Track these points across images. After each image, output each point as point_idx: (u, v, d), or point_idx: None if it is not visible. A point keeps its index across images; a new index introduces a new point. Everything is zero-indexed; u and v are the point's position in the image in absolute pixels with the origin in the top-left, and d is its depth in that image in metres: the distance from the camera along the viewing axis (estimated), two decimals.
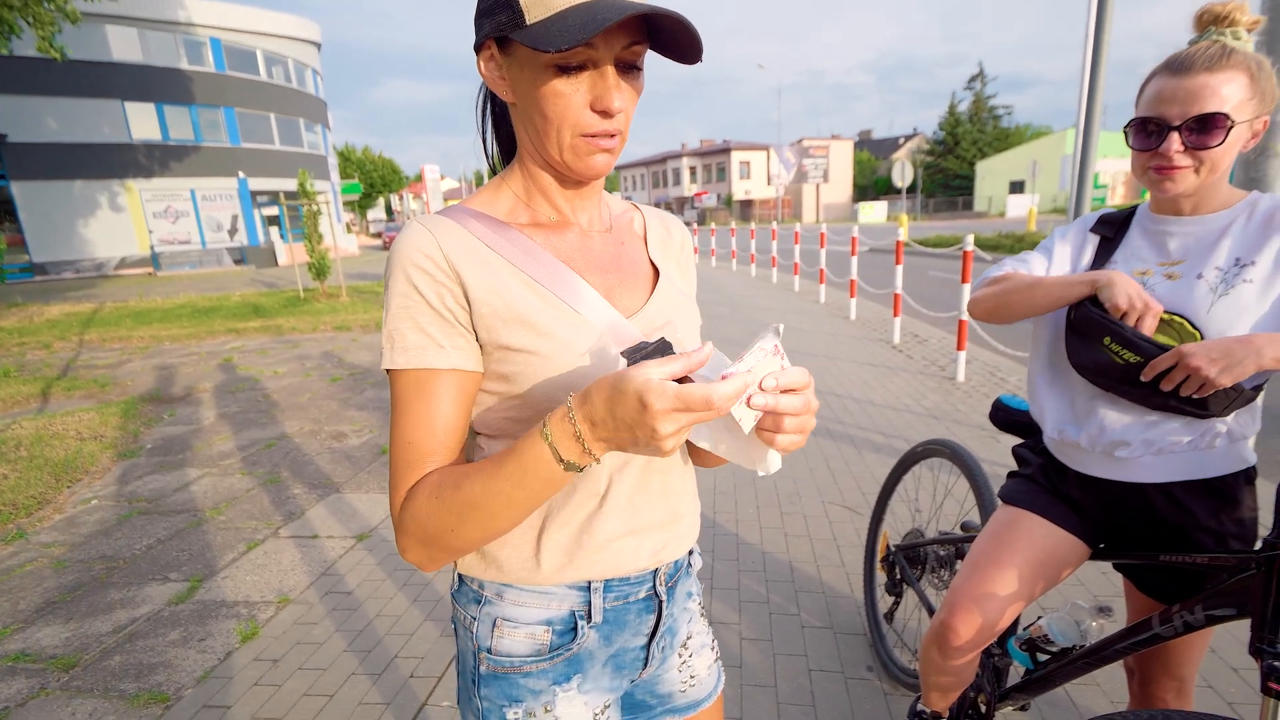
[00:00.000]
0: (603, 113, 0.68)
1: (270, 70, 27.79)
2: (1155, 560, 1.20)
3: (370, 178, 61.52)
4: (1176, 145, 1.09)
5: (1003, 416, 1.60)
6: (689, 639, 0.93)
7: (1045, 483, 1.37)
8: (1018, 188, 44.50)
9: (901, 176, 25.66)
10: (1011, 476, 1.47)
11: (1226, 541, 1.21)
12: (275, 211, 26.92)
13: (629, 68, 0.69)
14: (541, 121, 0.70)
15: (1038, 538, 1.31)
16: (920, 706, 1.59)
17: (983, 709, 1.53)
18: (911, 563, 2.01)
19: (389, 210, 65.27)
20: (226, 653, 2.34)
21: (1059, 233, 1.36)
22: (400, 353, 0.70)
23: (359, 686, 2.13)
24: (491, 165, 0.87)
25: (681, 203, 60.80)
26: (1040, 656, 1.40)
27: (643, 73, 0.71)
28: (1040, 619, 1.41)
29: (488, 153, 0.85)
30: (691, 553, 0.95)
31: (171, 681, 2.20)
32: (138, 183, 23.89)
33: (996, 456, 3.66)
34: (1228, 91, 1.05)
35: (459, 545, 0.68)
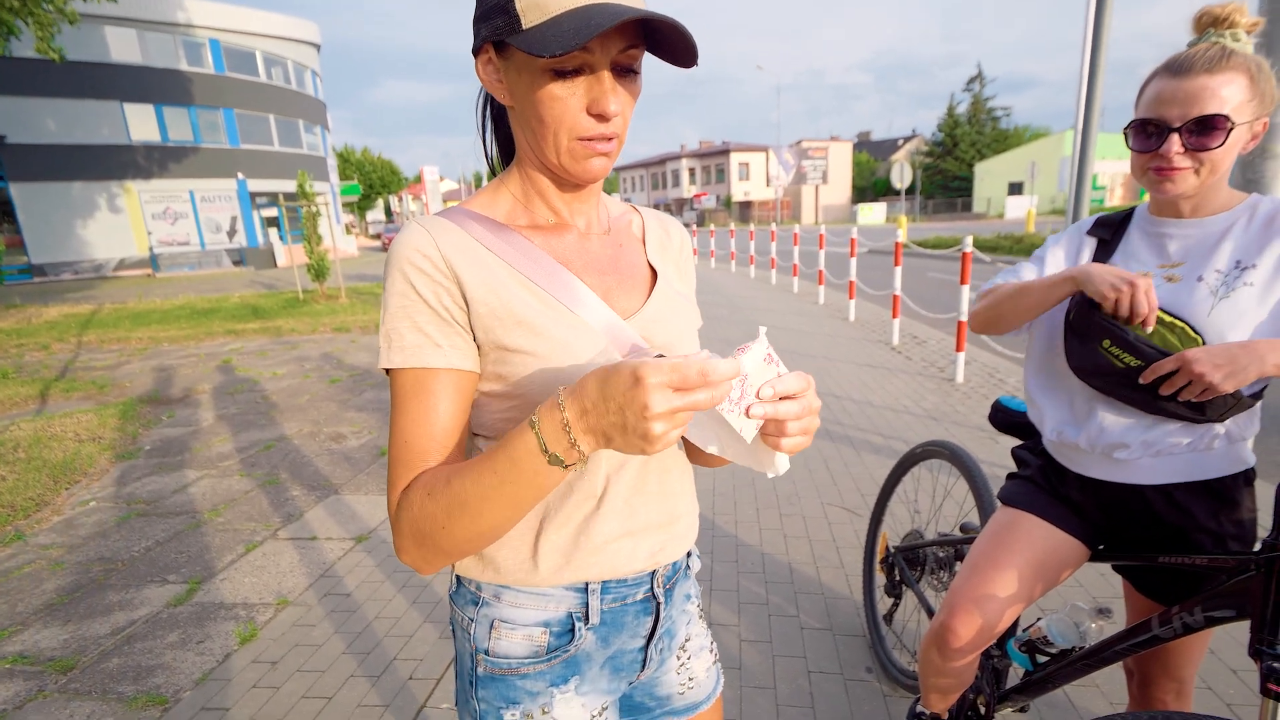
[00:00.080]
0: (599, 116, 0.68)
1: (269, 71, 27.78)
2: (1154, 562, 1.20)
3: (369, 179, 61.56)
4: (1176, 147, 1.08)
5: (1002, 418, 1.60)
6: (687, 641, 0.93)
7: (1044, 484, 1.37)
8: (1016, 189, 44.53)
9: (900, 178, 25.68)
10: (1011, 478, 1.47)
11: (1225, 543, 1.21)
12: (274, 213, 26.90)
13: (625, 71, 0.69)
14: (538, 125, 0.70)
15: (1037, 539, 1.31)
16: (920, 708, 1.59)
17: (982, 710, 1.53)
18: (911, 564, 2.01)
19: (388, 211, 65.27)
20: (225, 655, 2.33)
21: (1052, 240, 1.37)
22: (398, 352, 0.70)
23: (358, 688, 2.12)
24: (491, 167, 0.87)
25: (680, 204, 60.84)
26: (1040, 658, 1.40)
27: (640, 76, 0.71)
28: (1040, 620, 1.41)
29: (488, 154, 0.86)
30: (690, 554, 0.95)
31: (170, 684, 2.19)
32: (136, 184, 23.86)
33: (995, 458, 3.66)
34: (1227, 93, 1.04)
35: (450, 545, 0.66)
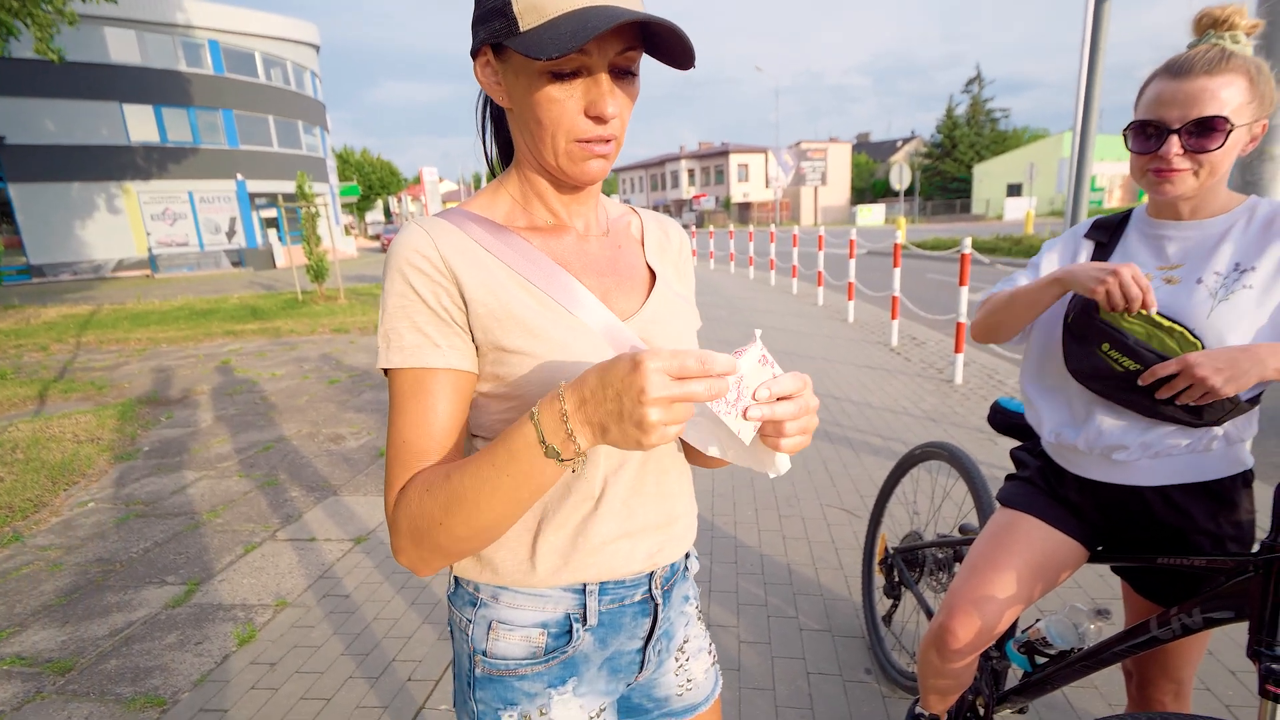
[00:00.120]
0: (597, 118, 0.69)
1: (269, 72, 27.77)
2: (1153, 563, 1.21)
3: (368, 180, 61.58)
4: (1176, 148, 1.08)
5: (1001, 419, 1.60)
6: (686, 643, 0.93)
7: (1043, 485, 1.37)
8: (1015, 190, 44.56)
9: (899, 179, 25.70)
10: (1009, 479, 1.47)
11: (1224, 544, 1.21)
12: (273, 214, 26.87)
13: (623, 73, 0.69)
14: (536, 127, 0.70)
15: (1036, 540, 1.31)
16: (919, 709, 1.59)
17: (981, 712, 1.53)
18: (910, 565, 2.01)
19: (387, 212, 65.24)
20: (223, 656, 2.33)
21: (1046, 245, 1.38)
22: (396, 352, 0.70)
23: (356, 690, 2.12)
24: (491, 168, 0.87)
25: (680, 205, 60.87)
26: (1038, 659, 1.40)
27: (638, 78, 0.71)
28: (1038, 622, 1.41)
29: (488, 156, 0.86)
30: (688, 556, 0.95)
31: (168, 685, 2.19)
32: (135, 185, 23.83)
33: (994, 459, 3.66)
34: (1227, 95, 1.04)
35: (448, 542, 0.66)
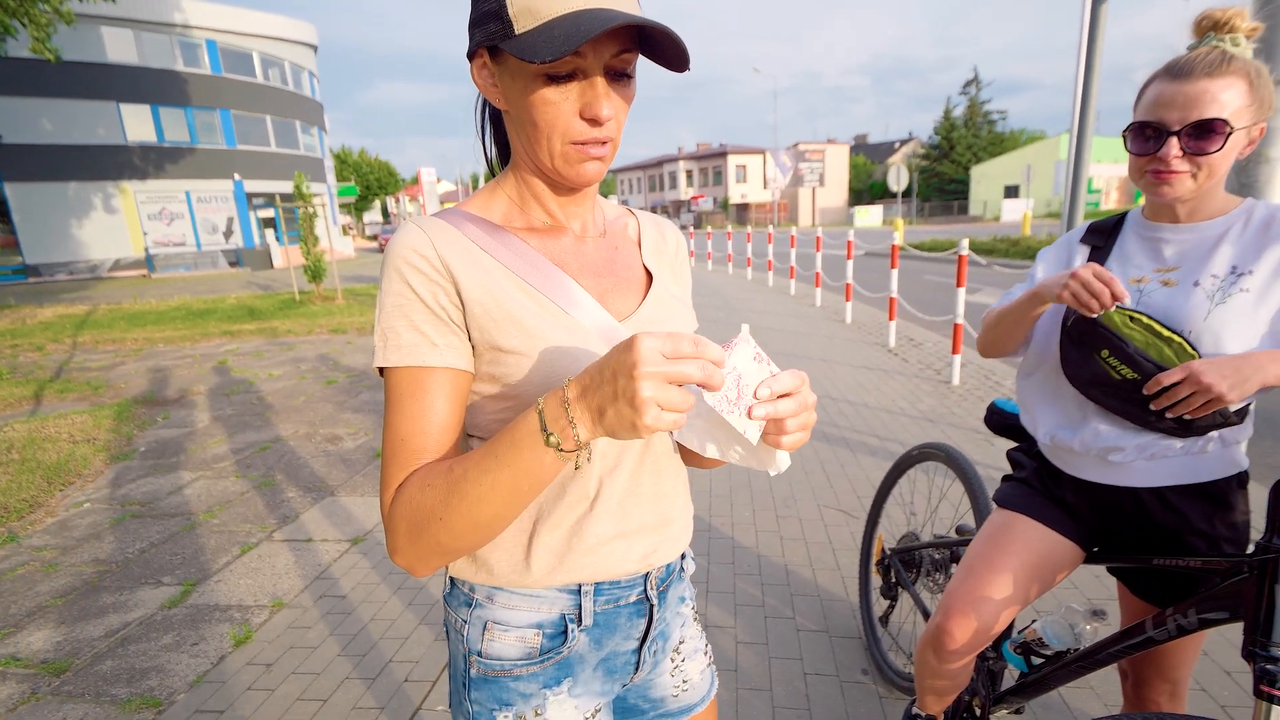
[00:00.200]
0: (592, 120, 0.69)
1: (266, 72, 27.72)
2: (1149, 564, 1.21)
3: (366, 180, 61.53)
4: (1175, 150, 1.08)
5: (997, 420, 1.61)
6: (681, 643, 0.93)
7: (1040, 486, 1.38)
8: (1012, 192, 44.64)
9: (897, 181, 25.76)
10: (1006, 480, 1.47)
11: (1219, 545, 1.21)
12: (271, 214, 26.84)
13: (619, 75, 0.69)
14: (532, 129, 0.70)
15: (1032, 541, 1.31)
16: (915, 710, 1.59)
17: (978, 712, 1.53)
18: (907, 566, 2.01)
19: (385, 213, 65.17)
20: (220, 657, 2.32)
21: (1040, 255, 1.39)
22: (394, 350, 0.69)
23: (353, 691, 2.12)
24: (491, 169, 0.87)
25: (678, 206, 60.89)
26: (1035, 660, 1.40)
27: (634, 80, 0.71)
28: (1035, 622, 1.41)
29: (487, 156, 0.86)
30: (684, 557, 0.95)
31: (164, 686, 2.18)
32: (132, 184, 23.77)
33: (991, 460, 3.67)
34: (1227, 97, 1.04)
35: (447, 537, 0.65)
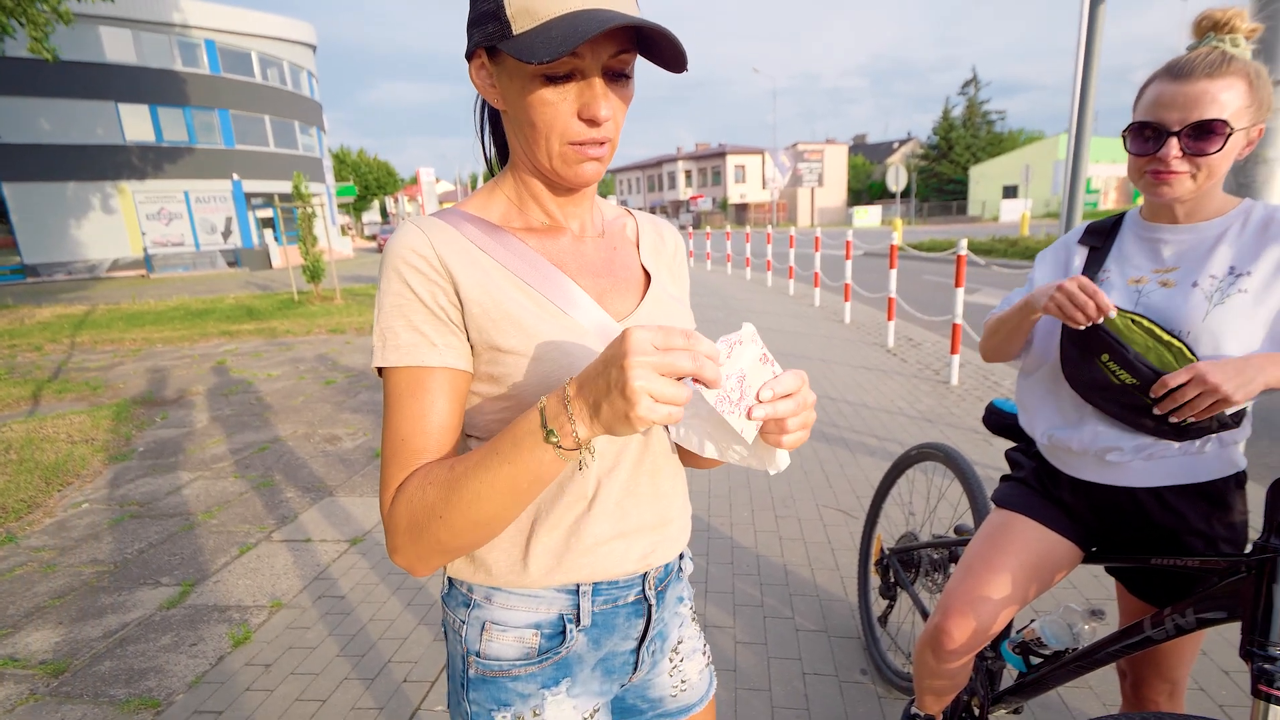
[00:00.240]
0: (590, 121, 0.69)
1: (265, 72, 27.69)
2: (1147, 564, 1.21)
3: (365, 180, 61.44)
4: (1175, 151, 1.09)
5: (996, 420, 1.61)
6: (680, 643, 0.93)
7: (1038, 486, 1.38)
8: (1011, 192, 44.64)
9: (896, 181, 25.79)
10: (1005, 480, 1.47)
11: (1217, 545, 1.22)
12: (270, 214, 26.82)
13: (617, 76, 0.69)
14: (530, 130, 0.70)
15: (1031, 541, 1.31)
16: (914, 710, 1.60)
17: (976, 712, 1.53)
18: (905, 566, 2.01)
19: (384, 213, 65.09)
20: (218, 658, 2.32)
21: (1039, 257, 1.39)
22: (393, 350, 0.69)
23: (352, 691, 2.12)
24: (490, 169, 0.87)
25: (677, 206, 60.90)
26: (1033, 659, 1.40)
27: (632, 80, 0.71)
28: (1033, 622, 1.41)
29: (487, 157, 0.86)
30: (682, 557, 0.95)
31: (162, 687, 2.18)
32: (131, 184, 23.74)
33: (990, 460, 3.67)
34: (1227, 98, 1.05)
35: (447, 535, 0.65)
